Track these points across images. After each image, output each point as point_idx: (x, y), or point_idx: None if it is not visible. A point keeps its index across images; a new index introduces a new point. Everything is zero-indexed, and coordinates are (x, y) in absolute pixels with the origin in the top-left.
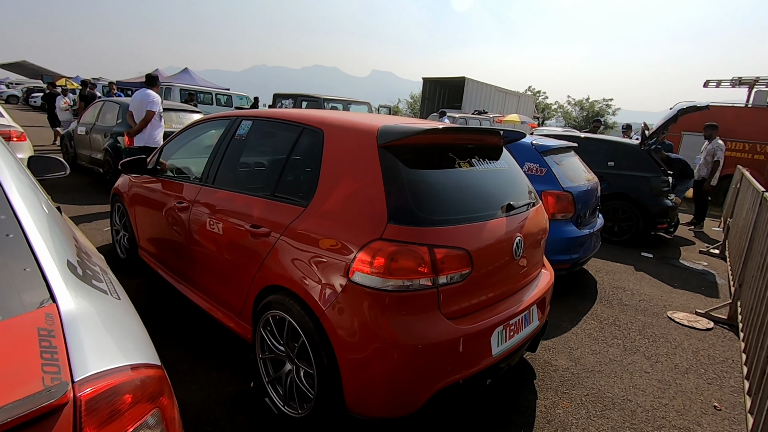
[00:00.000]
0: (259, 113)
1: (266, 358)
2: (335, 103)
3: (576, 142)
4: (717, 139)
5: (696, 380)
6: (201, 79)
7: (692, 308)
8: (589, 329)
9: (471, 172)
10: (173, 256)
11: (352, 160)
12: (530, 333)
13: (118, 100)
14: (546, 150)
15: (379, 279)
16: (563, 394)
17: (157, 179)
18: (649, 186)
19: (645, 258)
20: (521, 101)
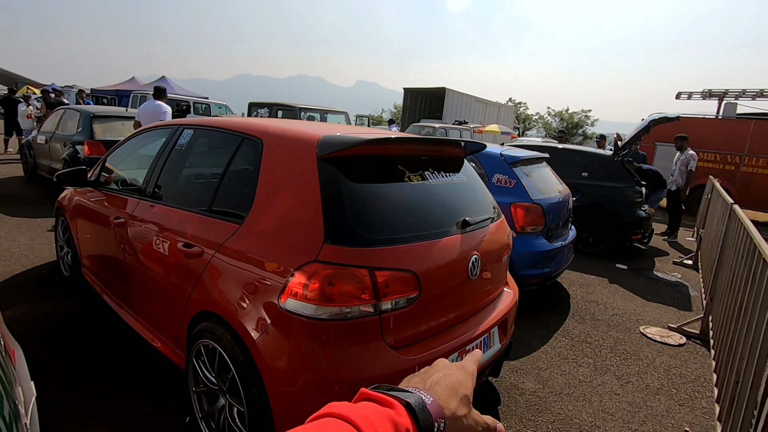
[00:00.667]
0: (200, 122)
1: (200, 391)
2: (312, 113)
3: (550, 153)
4: (688, 149)
5: (667, 402)
6: (179, 87)
7: (665, 322)
8: (559, 347)
9: (423, 186)
10: (112, 275)
11: (290, 173)
12: (491, 358)
13: (79, 108)
14: (515, 161)
15: (313, 306)
16: (528, 422)
17: (98, 192)
18: (622, 196)
19: (619, 269)
20: (501, 112)
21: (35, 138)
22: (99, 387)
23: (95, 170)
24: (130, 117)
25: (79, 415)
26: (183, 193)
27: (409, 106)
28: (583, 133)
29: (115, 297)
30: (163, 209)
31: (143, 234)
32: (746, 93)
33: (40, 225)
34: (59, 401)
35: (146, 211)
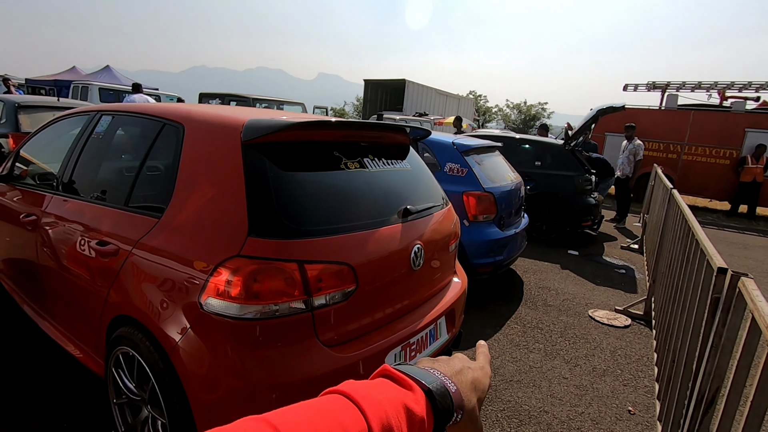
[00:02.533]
0: (120, 107)
1: (122, 402)
2: (267, 104)
3: (504, 142)
4: (636, 139)
5: (612, 383)
6: (126, 78)
7: (612, 305)
8: (511, 334)
9: (360, 174)
10: (27, 279)
11: (212, 160)
12: (438, 349)
13: (2, 97)
14: (467, 149)
15: (237, 305)
16: None
17: (10, 187)
18: (573, 185)
19: (571, 255)
20: (462, 104)
21: None
22: (14, 406)
23: (7, 163)
24: (62, 107)
25: None
26: (99, 186)
27: (369, 98)
28: (540, 124)
29: (32, 304)
30: (78, 204)
31: (57, 232)
32: (686, 85)
33: None
34: None
35: (59, 207)
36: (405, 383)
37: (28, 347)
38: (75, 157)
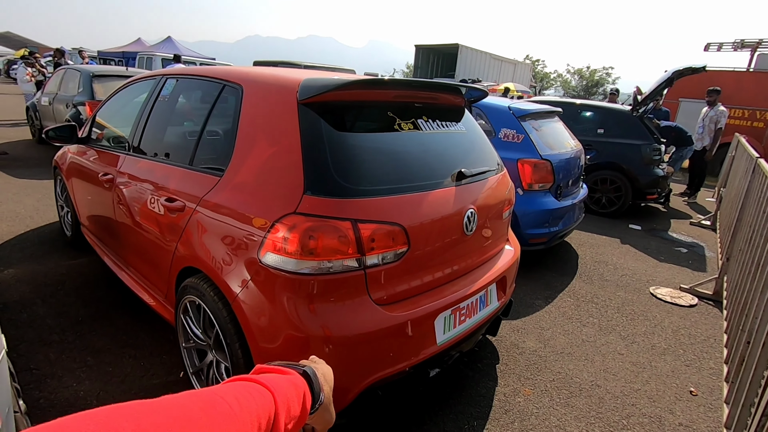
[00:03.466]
0: (183, 71)
1: (189, 347)
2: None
3: (564, 108)
4: (719, 105)
5: (673, 362)
6: (186, 48)
7: (677, 283)
8: (564, 307)
9: (414, 135)
10: (107, 234)
11: (269, 120)
12: (488, 316)
13: (79, 68)
14: (524, 114)
15: (293, 261)
16: (526, 380)
17: (88, 148)
18: (640, 154)
19: (632, 230)
20: (518, 69)
21: (39, 100)
22: (95, 343)
23: (86, 127)
24: (131, 76)
25: (74, 369)
26: (167, 146)
27: (420, 64)
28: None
29: (111, 256)
30: (148, 164)
31: (130, 190)
32: None
33: (46, 187)
34: (55, 356)
35: (132, 167)
36: (283, 372)
37: (106, 293)
38: (144, 119)
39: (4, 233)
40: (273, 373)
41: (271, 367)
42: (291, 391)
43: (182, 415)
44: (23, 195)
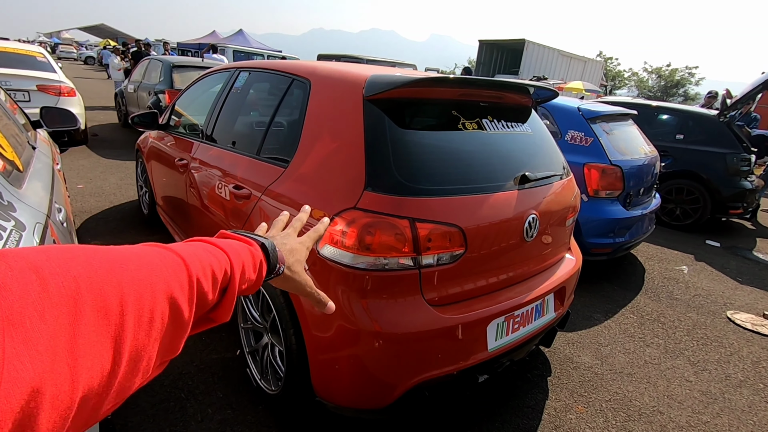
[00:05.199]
0: (256, 64)
1: (247, 327)
2: (380, 64)
3: (639, 110)
4: None
5: (751, 396)
6: (255, 41)
7: (760, 309)
8: (626, 324)
9: (478, 135)
10: (179, 215)
11: (335, 115)
12: (543, 326)
13: (161, 58)
14: (594, 116)
15: (350, 255)
16: (580, 397)
17: (167, 134)
18: (724, 164)
19: (710, 247)
20: (588, 67)
21: (126, 87)
22: None
23: (166, 114)
24: (206, 67)
25: None
26: (236, 136)
27: (483, 60)
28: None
29: (181, 235)
30: (219, 152)
31: (202, 176)
32: None
33: (128, 167)
34: None
35: (205, 154)
36: (244, 240)
37: None
38: (218, 110)
39: (92, 207)
40: (234, 240)
41: (233, 234)
42: (247, 257)
43: (134, 257)
44: (108, 174)
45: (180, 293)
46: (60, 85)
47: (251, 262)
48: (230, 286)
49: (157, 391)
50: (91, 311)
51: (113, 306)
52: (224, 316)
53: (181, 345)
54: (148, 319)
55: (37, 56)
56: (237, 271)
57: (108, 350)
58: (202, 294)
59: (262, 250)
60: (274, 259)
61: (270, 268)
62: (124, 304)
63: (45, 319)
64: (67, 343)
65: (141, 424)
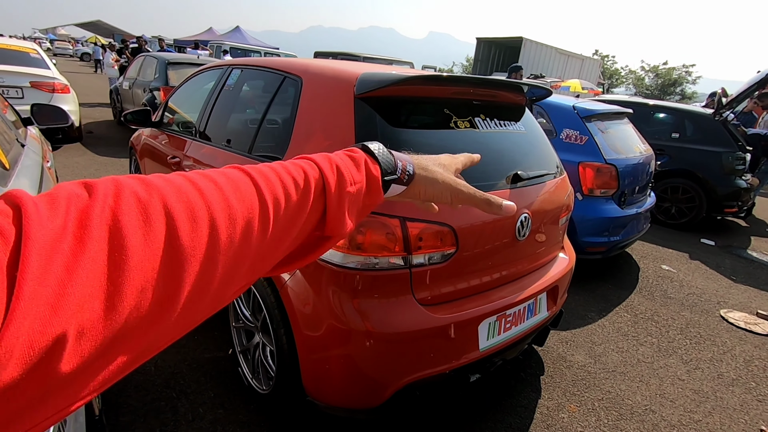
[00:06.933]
0: (248, 61)
1: (239, 327)
2: (376, 62)
3: (635, 109)
4: None
5: (743, 395)
6: (252, 38)
7: (753, 308)
8: (619, 323)
9: (470, 134)
10: None
11: (326, 112)
12: (535, 325)
13: (157, 55)
14: (589, 115)
15: (341, 254)
16: (572, 396)
17: (160, 132)
18: (720, 163)
19: (704, 245)
20: (585, 65)
21: (121, 84)
22: None
23: (159, 112)
24: (201, 64)
25: None
26: (228, 134)
27: (481, 58)
28: (681, 92)
29: None
30: (211, 150)
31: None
32: None
33: (123, 164)
34: None
35: (197, 152)
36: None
37: None
38: (210, 107)
39: None
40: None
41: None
42: (344, 159)
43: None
44: (103, 171)
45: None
46: (54, 81)
47: (350, 163)
48: (327, 190)
49: (148, 390)
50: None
51: (202, 215)
52: (335, 227)
53: (272, 258)
54: (241, 226)
55: (30, 52)
56: (329, 172)
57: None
58: (282, 196)
59: (364, 151)
60: (384, 157)
61: (384, 169)
62: (212, 212)
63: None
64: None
65: (132, 424)
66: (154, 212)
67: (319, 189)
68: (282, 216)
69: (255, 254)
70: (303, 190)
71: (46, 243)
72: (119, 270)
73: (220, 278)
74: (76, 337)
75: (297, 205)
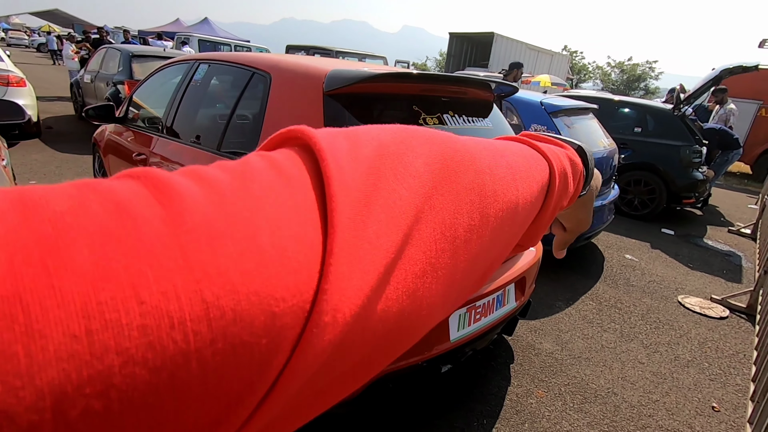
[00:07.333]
0: (215, 56)
1: None
2: (349, 57)
3: (600, 104)
4: (729, 103)
5: (697, 375)
6: (222, 30)
7: (708, 293)
8: (585, 310)
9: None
10: None
11: (295, 109)
12: (504, 315)
13: (120, 47)
14: (556, 110)
15: None
16: (540, 382)
17: (125, 128)
18: (678, 156)
19: (664, 235)
20: (554, 61)
21: (82, 77)
22: None
23: (123, 107)
24: (168, 56)
25: None
26: (196, 131)
27: (454, 52)
28: (645, 87)
29: None
30: (178, 146)
31: None
32: None
33: (86, 162)
34: None
35: (164, 148)
36: (557, 143)
37: None
38: (177, 103)
39: None
40: (547, 143)
41: (542, 136)
42: (568, 166)
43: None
44: (65, 169)
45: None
46: (8, 74)
47: (572, 172)
48: (548, 199)
49: None
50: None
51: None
52: (533, 237)
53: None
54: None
55: None
56: (555, 186)
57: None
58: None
59: (580, 156)
60: (592, 169)
61: (586, 182)
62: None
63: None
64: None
65: None
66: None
67: (544, 192)
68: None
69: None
70: (541, 188)
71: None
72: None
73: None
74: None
75: (533, 204)
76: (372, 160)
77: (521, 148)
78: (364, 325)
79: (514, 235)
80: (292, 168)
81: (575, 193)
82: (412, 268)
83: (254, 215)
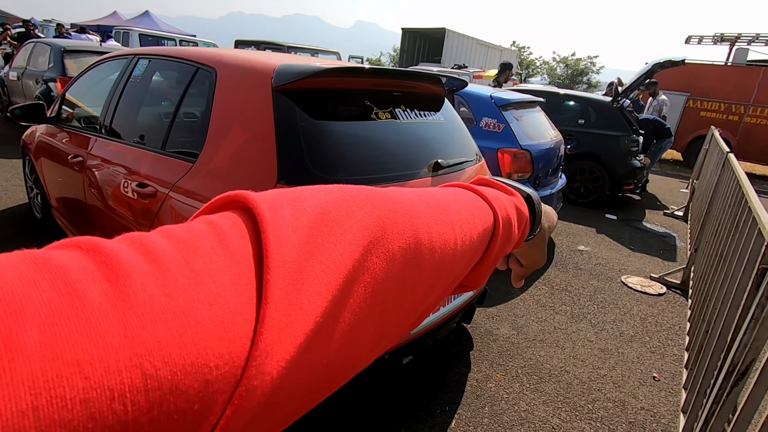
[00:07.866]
0: (156, 51)
1: None
2: (302, 52)
3: (547, 98)
4: (660, 94)
5: (639, 349)
6: (165, 24)
7: (648, 272)
8: (538, 295)
9: (391, 125)
10: (78, 217)
11: (243, 106)
12: (462, 305)
13: (50, 42)
14: (505, 104)
15: None
16: (498, 366)
17: (58, 129)
18: (618, 146)
19: (608, 220)
20: (504, 56)
21: (7, 74)
22: None
23: (54, 106)
24: (105, 52)
25: None
26: (138, 130)
27: (407, 48)
28: (587, 81)
29: None
30: (119, 147)
31: (102, 173)
32: (760, 38)
33: (15, 165)
34: None
35: (103, 149)
36: (506, 190)
37: None
38: (115, 101)
39: None
40: (495, 189)
41: (493, 181)
42: (513, 214)
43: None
44: None
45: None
46: None
47: (517, 220)
48: (492, 245)
49: None
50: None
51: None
52: (478, 280)
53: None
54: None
55: None
56: (500, 232)
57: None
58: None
59: (527, 204)
60: (539, 216)
61: (532, 228)
62: (416, 235)
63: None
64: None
65: None
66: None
67: (487, 239)
68: (459, 255)
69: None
70: (482, 236)
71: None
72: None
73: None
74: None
75: (474, 252)
76: (311, 229)
77: (468, 199)
78: (294, 379)
79: (455, 280)
80: (235, 237)
81: (521, 239)
82: (341, 326)
83: (195, 289)
